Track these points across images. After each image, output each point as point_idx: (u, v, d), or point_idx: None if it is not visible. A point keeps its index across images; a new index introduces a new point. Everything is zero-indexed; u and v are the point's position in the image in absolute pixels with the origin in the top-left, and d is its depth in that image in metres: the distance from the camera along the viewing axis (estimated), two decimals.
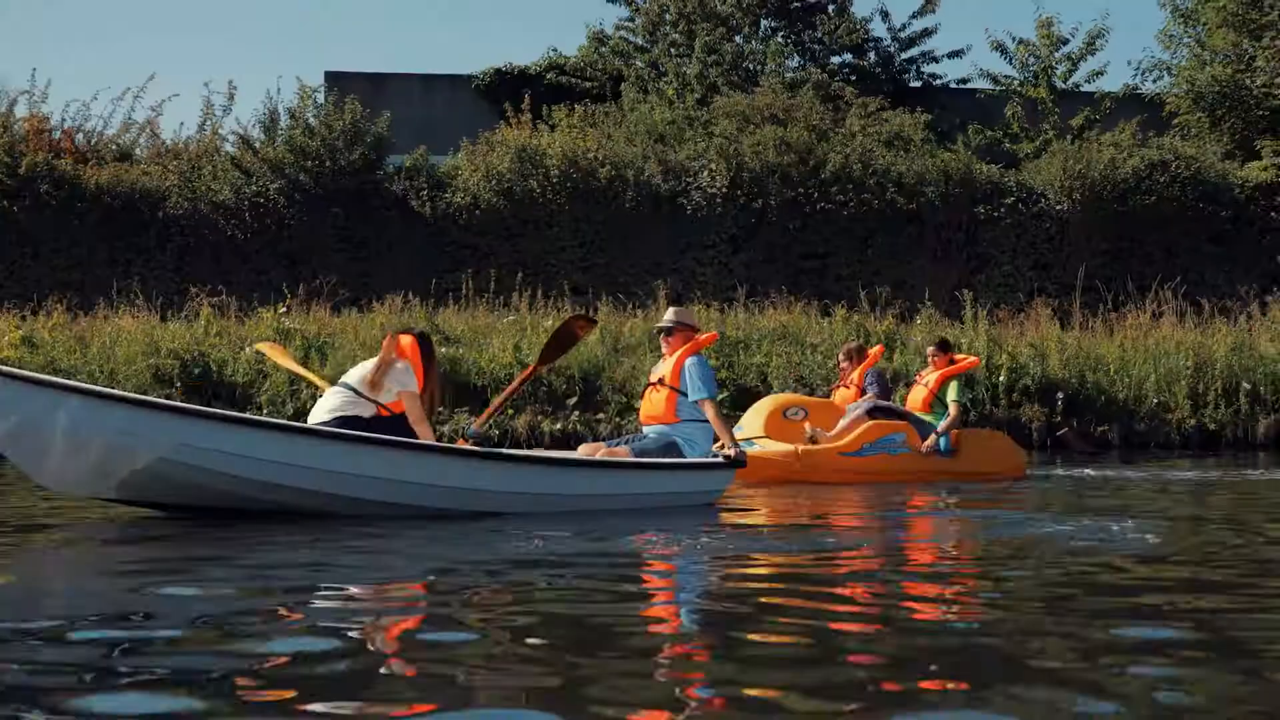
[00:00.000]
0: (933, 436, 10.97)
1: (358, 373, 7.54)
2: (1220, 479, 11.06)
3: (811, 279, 20.62)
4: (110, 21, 69.00)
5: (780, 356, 15.73)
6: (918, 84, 28.28)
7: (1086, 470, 11.83)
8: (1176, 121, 25.30)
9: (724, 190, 20.98)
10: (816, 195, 20.99)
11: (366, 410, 7.32)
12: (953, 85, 28.49)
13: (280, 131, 21.26)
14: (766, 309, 18.09)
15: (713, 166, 21.25)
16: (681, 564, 5.78)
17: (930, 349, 11.82)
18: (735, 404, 13.81)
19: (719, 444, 8.28)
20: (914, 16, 28.22)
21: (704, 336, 8.80)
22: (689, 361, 8.38)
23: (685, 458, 8.21)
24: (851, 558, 5.99)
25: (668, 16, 28.21)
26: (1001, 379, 15.64)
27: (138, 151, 23.57)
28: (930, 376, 11.56)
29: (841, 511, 8.47)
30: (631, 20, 29.09)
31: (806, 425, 11.02)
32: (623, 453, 8.14)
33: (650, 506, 7.94)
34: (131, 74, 61.86)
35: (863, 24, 27.83)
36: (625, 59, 28.44)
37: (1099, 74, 27.06)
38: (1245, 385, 16.05)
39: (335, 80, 25.31)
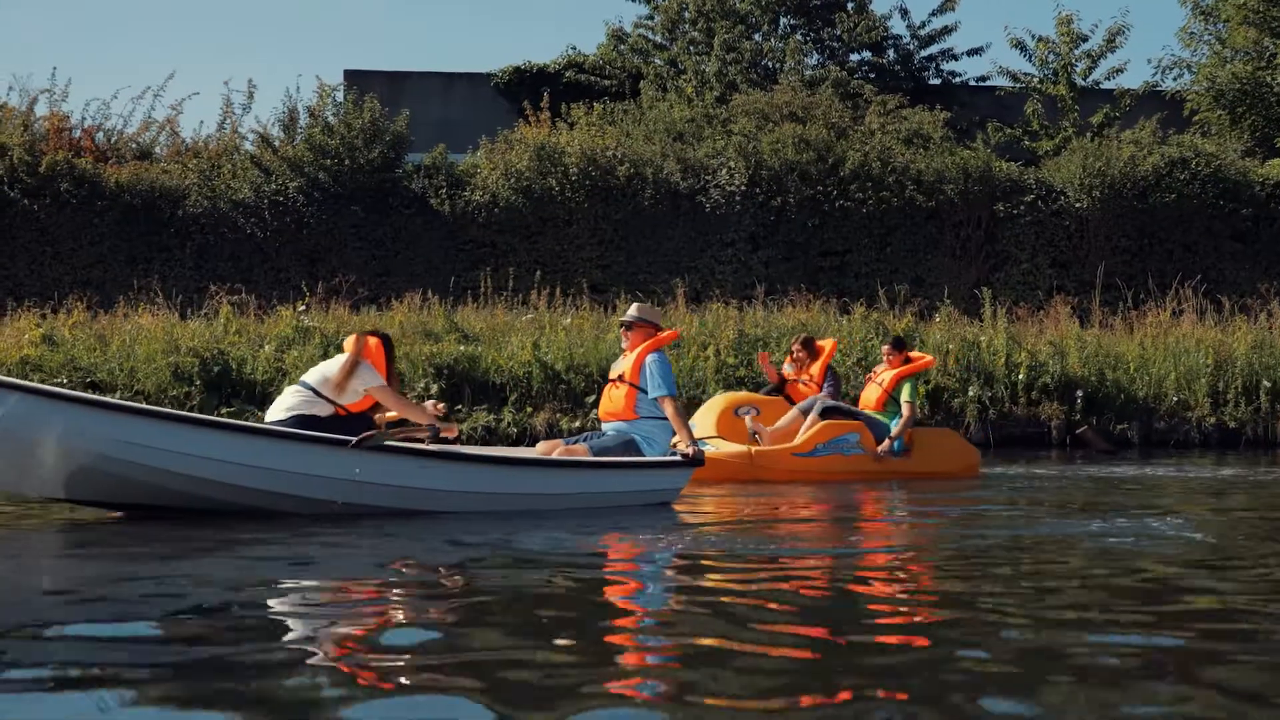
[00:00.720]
0: (887, 441, 10.84)
1: (317, 373, 7.51)
2: (1246, 477, 11.00)
3: (830, 277, 20.60)
4: (131, 21, 69.35)
5: None
6: (937, 81, 28.21)
7: (1036, 470, 11.77)
8: (1196, 119, 25.19)
9: (743, 188, 20.95)
10: (835, 193, 20.94)
11: (324, 410, 7.31)
12: (972, 83, 28.44)
13: (300, 130, 21.33)
14: (785, 307, 18.05)
15: (731, 164, 21.22)
16: (637, 564, 5.73)
17: (885, 347, 11.56)
18: None
19: (675, 440, 8.14)
20: (933, 14, 28.18)
21: (665, 334, 8.61)
22: (650, 358, 8.25)
23: (644, 455, 8.11)
24: (811, 558, 5.93)
25: (687, 14, 28.18)
26: (1021, 377, 15.60)
27: (158, 150, 23.68)
28: (885, 375, 11.31)
29: (797, 511, 8.37)
30: (651, 18, 29.06)
31: (748, 420, 10.78)
32: (580, 450, 8.04)
33: (607, 506, 7.85)
34: (152, 73, 62.23)
35: (882, 21, 27.77)
36: (644, 57, 28.44)
37: (1119, 71, 27.01)
38: (1266, 383, 15.97)
39: (354, 79, 25.36)
